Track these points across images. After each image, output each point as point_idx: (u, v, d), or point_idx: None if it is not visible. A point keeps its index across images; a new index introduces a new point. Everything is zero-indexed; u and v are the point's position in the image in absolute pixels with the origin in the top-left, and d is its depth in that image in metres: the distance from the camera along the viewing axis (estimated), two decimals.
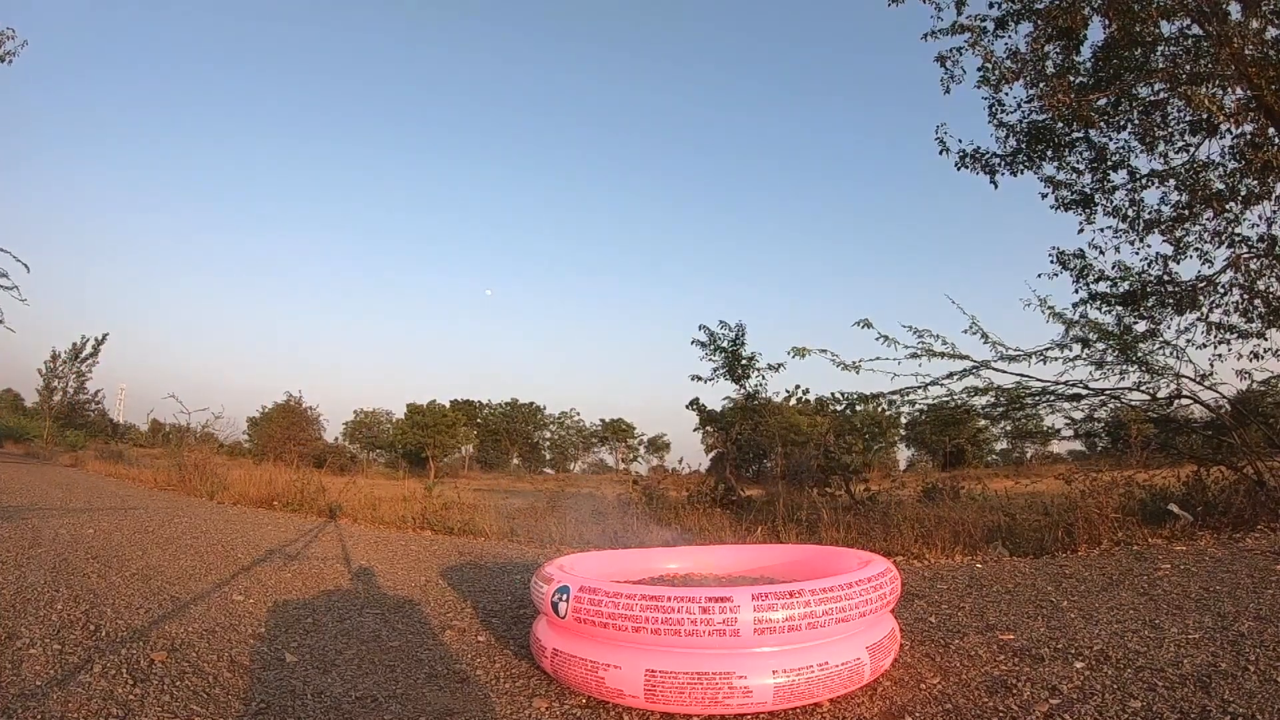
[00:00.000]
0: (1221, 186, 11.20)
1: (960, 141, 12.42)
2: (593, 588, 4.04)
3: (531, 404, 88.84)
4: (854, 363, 10.07)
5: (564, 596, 4.13)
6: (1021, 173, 12.29)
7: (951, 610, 5.78)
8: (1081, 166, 12.12)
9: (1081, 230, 12.34)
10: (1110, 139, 11.77)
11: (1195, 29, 10.21)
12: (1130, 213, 12.04)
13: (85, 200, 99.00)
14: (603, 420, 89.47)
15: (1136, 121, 11.43)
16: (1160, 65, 10.67)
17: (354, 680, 4.31)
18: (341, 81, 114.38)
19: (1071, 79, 10.98)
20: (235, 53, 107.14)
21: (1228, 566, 6.35)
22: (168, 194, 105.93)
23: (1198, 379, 10.01)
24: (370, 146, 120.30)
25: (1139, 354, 10.13)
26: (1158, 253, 12.03)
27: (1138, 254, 12.14)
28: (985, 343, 10.00)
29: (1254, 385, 11.26)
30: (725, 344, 15.88)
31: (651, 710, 3.78)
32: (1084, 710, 3.52)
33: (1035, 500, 10.76)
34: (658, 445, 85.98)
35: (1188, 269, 11.84)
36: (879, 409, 11.57)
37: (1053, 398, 10.49)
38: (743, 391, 16.35)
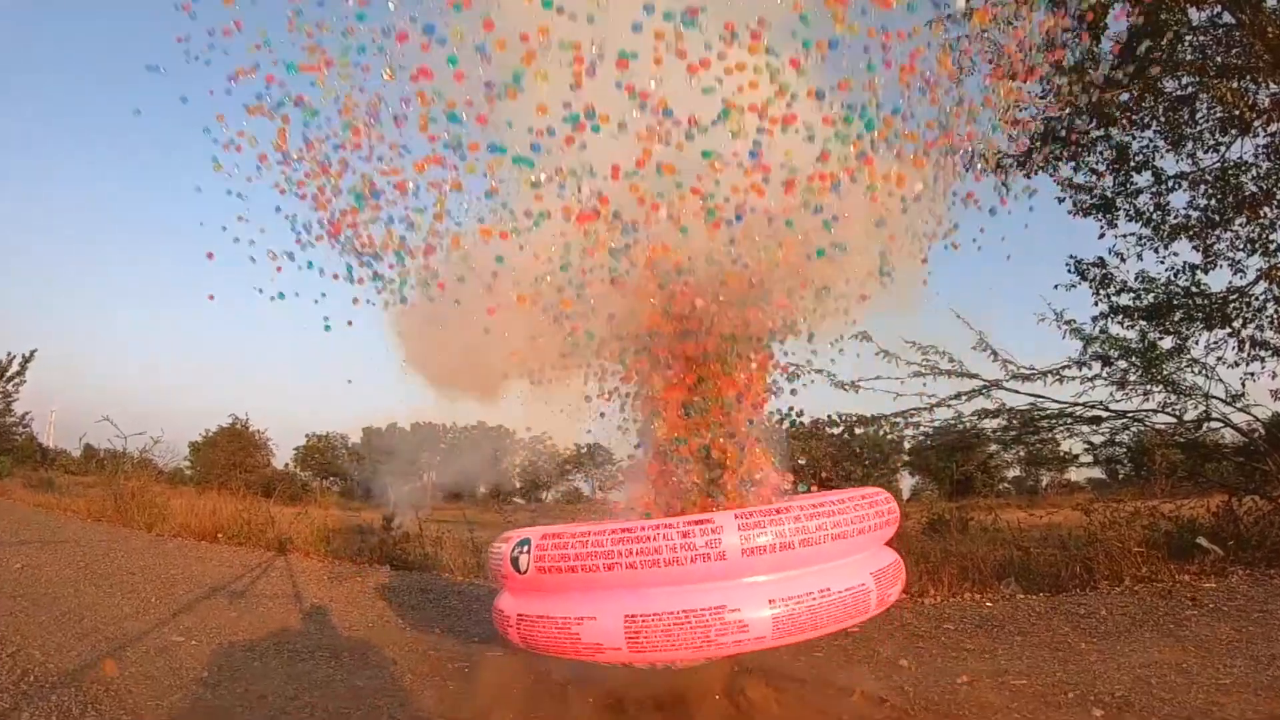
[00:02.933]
0: (1255, 189, 11.15)
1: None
2: (556, 533, 4.01)
3: (500, 427, 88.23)
4: (852, 382, 10.06)
5: (525, 549, 4.08)
6: (1035, 174, 12.26)
7: (959, 653, 5.81)
8: (1102, 168, 12.06)
9: (1102, 236, 12.26)
10: (1133, 137, 11.74)
11: (1227, 17, 10.22)
12: (1155, 218, 11.97)
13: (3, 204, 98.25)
14: (577, 445, 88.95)
15: (1162, 118, 11.42)
16: (1188, 57, 10.68)
17: None
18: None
19: (1091, 72, 10.97)
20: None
21: (1262, 605, 6.39)
22: (97, 197, 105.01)
23: (1229, 400, 10.03)
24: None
25: (1164, 373, 10.14)
26: (1185, 261, 11.95)
27: (1163, 263, 12.02)
28: (995, 360, 10.01)
29: None
30: None
31: (637, 661, 3.75)
32: None
33: (1051, 533, 10.74)
34: None
35: (1218, 280, 11.80)
36: (880, 432, 11.56)
37: (1070, 420, 10.51)
38: None
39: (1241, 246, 11.41)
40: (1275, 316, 11.15)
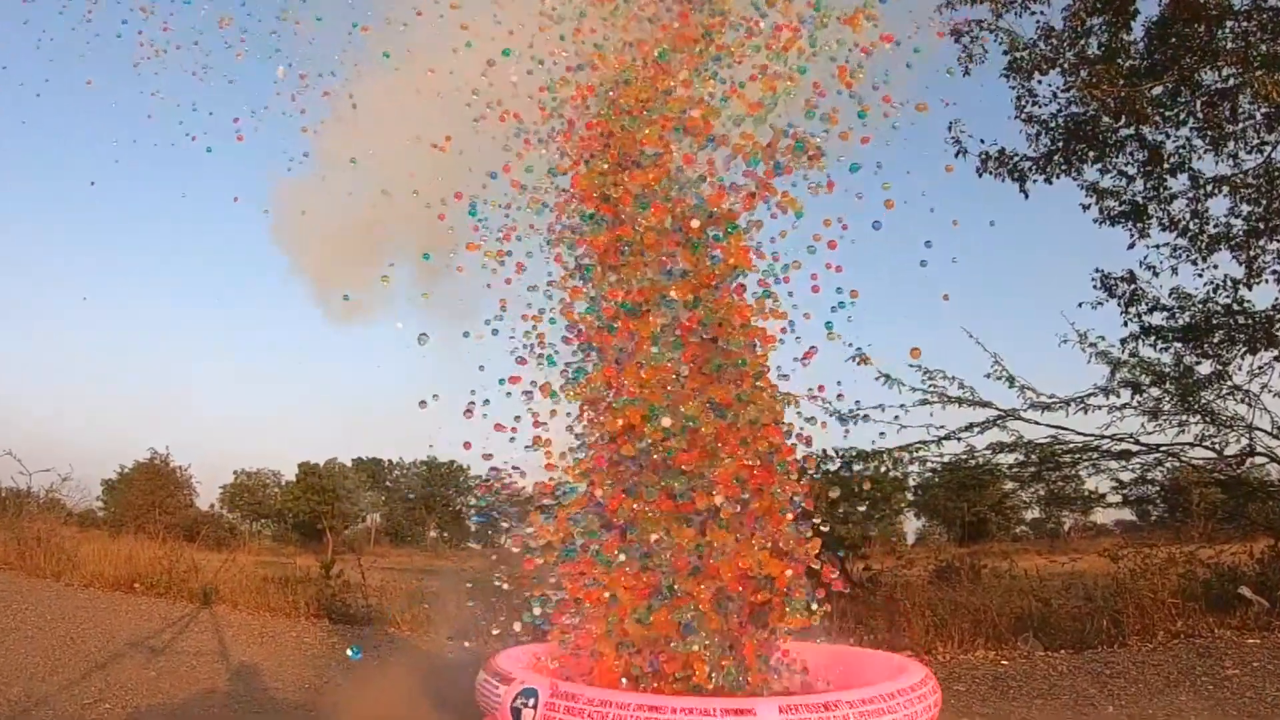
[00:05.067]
0: None
1: (982, 142, 12.28)
2: (571, 693, 3.68)
3: (453, 463, 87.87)
4: (850, 411, 9.96)
5: (530, 702, 3.87)
6: (1058, 178, 12.22)
7: (971, 717, 5.75)
8: (1132, 170, 12.05)
9: (1132, 247, 12.21)
10: (1167, 136, 11.74)
11: (1273, 0, 10.23)
12: (1192, 226, 11.94)
13: None
14: (539, 484, 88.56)
15: (1200, 115, 11.42)
16: (1229, 45, 10.67)
17: None
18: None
19: (1120, 62, 10.98)
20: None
21: None
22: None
23: (1275, 432, 10.02)
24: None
25: (1202, 401, 10.13)
26: (1226, 275, 11.88)
27: (1200, 276, 11.97)
28: (1012, 387, 9.99)
29: None
30: None
31: None
32: None
33: (1074, 582, 10.73)
34: None
35: (1263, 296, 11.79)
36: (881, 468, 11.51)
37: (1096, 455, 10.50)
38: None
39: None
40: None
